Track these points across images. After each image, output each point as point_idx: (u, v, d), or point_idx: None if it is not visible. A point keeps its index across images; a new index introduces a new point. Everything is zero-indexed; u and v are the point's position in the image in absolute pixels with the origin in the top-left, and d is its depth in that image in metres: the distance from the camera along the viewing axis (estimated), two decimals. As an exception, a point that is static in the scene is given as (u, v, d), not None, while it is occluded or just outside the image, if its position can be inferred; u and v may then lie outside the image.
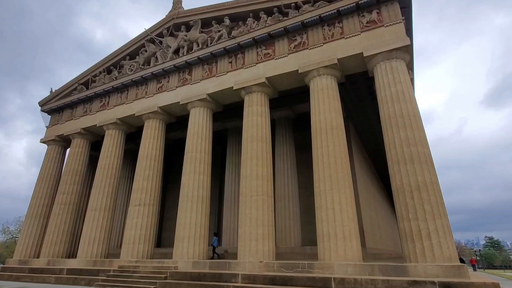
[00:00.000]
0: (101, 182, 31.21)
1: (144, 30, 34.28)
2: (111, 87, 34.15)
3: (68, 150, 37.56)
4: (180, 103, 29.07)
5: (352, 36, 23.28)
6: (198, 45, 30.12)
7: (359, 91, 29.84)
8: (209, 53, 28.66)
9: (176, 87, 30.19)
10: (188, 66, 30.14)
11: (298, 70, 24.30)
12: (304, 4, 25.69)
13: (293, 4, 26.02)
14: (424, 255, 16.75)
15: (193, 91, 28.82)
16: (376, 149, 42.97)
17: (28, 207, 35.70)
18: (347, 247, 18.83)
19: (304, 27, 25.27)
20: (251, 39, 26.78)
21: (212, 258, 26.91)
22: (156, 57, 32.72)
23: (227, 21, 29.07)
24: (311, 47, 24.56)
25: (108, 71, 36.50)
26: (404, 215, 17.98)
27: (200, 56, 29.04)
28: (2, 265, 34.96)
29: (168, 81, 31.09)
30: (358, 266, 17.90)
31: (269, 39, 26.52)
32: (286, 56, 25.38)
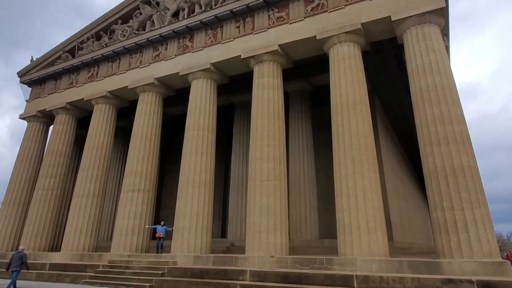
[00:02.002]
0: (89, 164, 31.29)
1: (138, -12, 33.99)
2: (100, 56, 34.07)
3: (51, 127, 37.74)
4: (180, 73, 29.02)
5: (379, -4, 23.01)
6: (200, 7, 29.83)
7: (386, 60, 29.62)
8: (213, 17, 28.43)
9: (176, 55, 30.09)
10: (189, 32, 29.95)
11: (315, 36, 24.06)
12: (324, -41, 25.34)
13: (311, -42, 25.66)
14: (460, 250, 16.74)
15: (195, 60, 28.70)
16: (406, 128, 42.74)
17: (5, 193, 35.89)
18: (372, 240, 18.87)
19: (324, -15, 25.05)
20: (261, 0, 26.52)
21: (158, 251, 26.25)
22: (153, 21, 32.47)
23: (234, -21, 28.71)
24: (331, 10, 24.25)
25: (97, 37, 36.29)
26: (438, 203, 17.95)
27: (203, 20, 28.80)
28: None
29: (166, 49, 30.99)
30: (384, 262, 17.97)
31: (283, 0, 26.27)
32: (302, 20, 25.12)
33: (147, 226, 27.52)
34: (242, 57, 26.42)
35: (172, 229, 25.41)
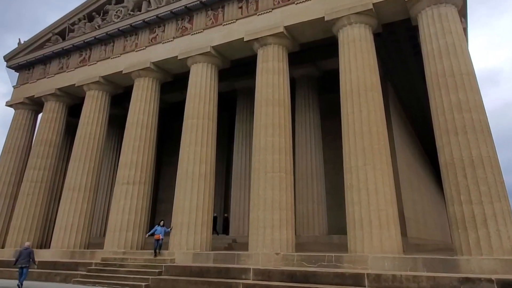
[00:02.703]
0: (81, 155, 31.34)
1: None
2: (93, 38, 34.08)
3: (40, 115, 37.72)
4: (179, 57, 29.03)
5: (392, -26, 22.91)
6: (200, -14, 29.78)
7: (399, 43, 29.54)
8: (213, -4, 28.49)
9: (174, 38, 30.09)
10: (188, 13, 29.88)
11: (324, 17, 24.02)
12: None
13: None
14: (479, 247, 16.77)
15: (195, 43, 28.66)
16: (421, 116, 42.71)
17: (-9, 186, 35.91)
18: (384, 237, 18.96)
19: (333, -38, 24.89)
20: (266, -22, 26.45)
21: (155, 254, 24.81)
22: (149, 1, 32.33)
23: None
24: (341, -11, 24.20)
25: (90, 18, 36.15)
26: (455, 197, 17.98)
27: (202, 0, 28.81)
28: None
29: (164, 31, 30.97)
30: (398, 260, 18.03)
31: (289, -22, 26.19)
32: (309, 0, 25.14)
33: (146, 236, 27.21)
34: (245, 39, 26.39)
35: (171, 229, 25.26)
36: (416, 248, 29.90)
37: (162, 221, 26.62)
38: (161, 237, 25.16)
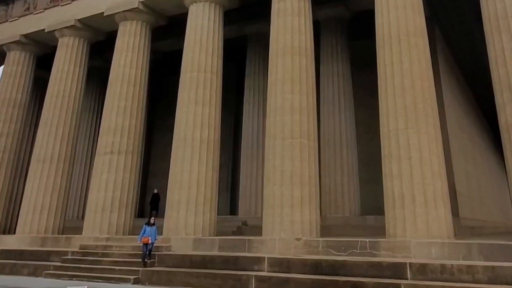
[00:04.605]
0: (53, 118, 31.23)
1: None
2: (66, -31, 33.79)
3: (1, 68, 37.64)
4: (173, -6, 28.81)
5: None
6: None
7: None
8: None
9: (167, -30, 29.84)
10: None
11: None
12: None
13: None
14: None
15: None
16: (477, 68, 42.49)
17: None
18: (431, 217, 18.91)
19: None
20: None
21: (144, 263, 22.47)
22: None
23: None
24: None
25: None
26: (520, 168, 17.94)
27: None
28: None
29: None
30: (447, 246, 18.03)
31: None
32: None
33: (138, 242, 23.55)
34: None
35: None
36: (471, 231, 29.95)
37: (153, 218, 24.66)
38: (151, 240, 22.80)
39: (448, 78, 35.54)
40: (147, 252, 22.72)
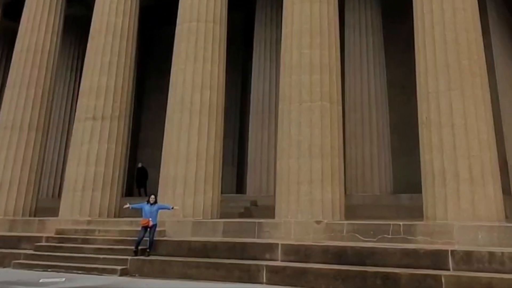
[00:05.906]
0: (23, 78, 30.93)
1: None
2: None
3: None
4: None
5: None
6: None
7: None
8: None
9: None
10: None
11: None
12: None
13: None
14: None
15: None
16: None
17: None
18: (478, 196, 18.59)
19: None
20: None
21: (135, 251, 21.54)
22: None
23: None
24: None
25: None
26: None
27: None
28: None
29: None
30: (497, 230, 17.71)
31: None
32: None
33: (128, 206, 23.71)
34: None
35: (172, 208, 22.71)
36: (525, 212, 29.57)
37: (153, 195, 23.18)
38: (151, 222, 21.53)
39: (499, 30, 35.10)
40: (150, 240, 21.59)
